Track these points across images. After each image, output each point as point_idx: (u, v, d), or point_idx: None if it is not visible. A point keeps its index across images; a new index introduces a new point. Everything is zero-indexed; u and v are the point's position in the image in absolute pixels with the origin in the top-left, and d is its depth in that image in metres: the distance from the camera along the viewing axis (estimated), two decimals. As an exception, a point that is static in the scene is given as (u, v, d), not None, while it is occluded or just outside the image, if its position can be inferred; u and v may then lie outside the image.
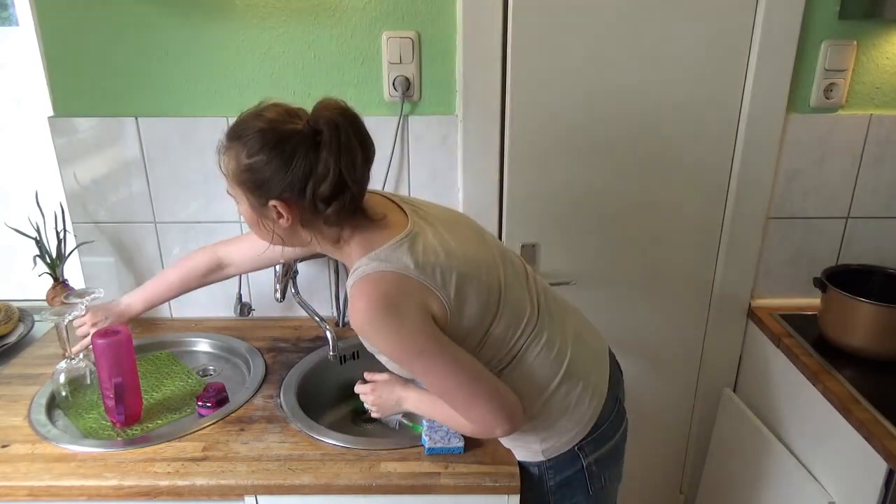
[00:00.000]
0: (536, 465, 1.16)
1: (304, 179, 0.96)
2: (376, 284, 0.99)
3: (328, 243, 1.07)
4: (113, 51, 1.49)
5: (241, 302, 1.57)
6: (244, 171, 0.99)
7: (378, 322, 0.98)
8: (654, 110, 1.56)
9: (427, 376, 1.03)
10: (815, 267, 1.61)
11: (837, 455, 1.36)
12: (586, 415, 1.15)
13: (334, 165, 0.95)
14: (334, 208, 0.98)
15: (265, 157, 0.97)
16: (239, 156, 0.99)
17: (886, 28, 1.50)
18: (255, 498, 1.15)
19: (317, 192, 0.97)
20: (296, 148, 0.96)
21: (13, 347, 1.55)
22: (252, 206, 1.03)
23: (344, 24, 1.48)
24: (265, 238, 1.07)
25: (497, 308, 1.07)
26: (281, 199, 0.98)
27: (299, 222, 1.02)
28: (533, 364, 1.10)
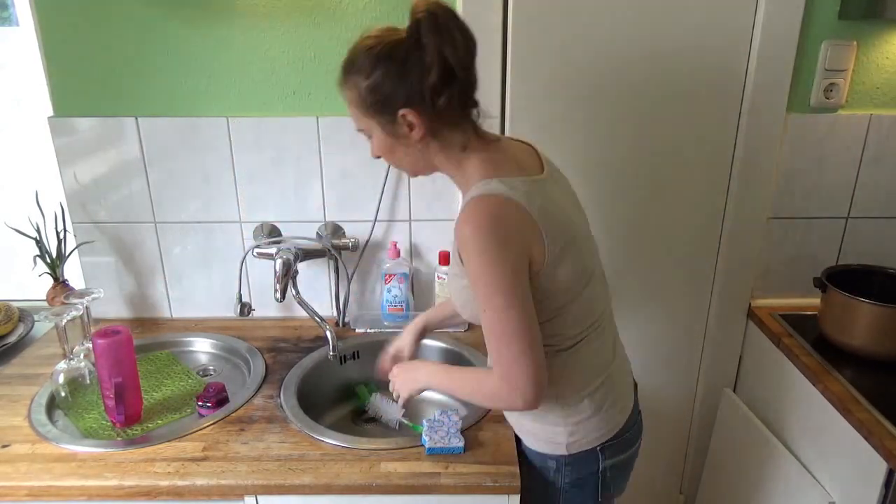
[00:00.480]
0: (555, 458, 1.15)
1: (420, 80, 0.98)
2: (498, 205, 1.00)
3: (454, 156, 1.07)
4: (113, 51, 1.49)
5: (241, 302, 1.57)
6: (368, 95, 1.02)
7: (482, 239, 0.97)
8: (654, 110, 1.56)
9: (492, 313, 0.99)
10: (815, 267, 1.61)
11: (837, 455, 1.36)
12: (615, 418, 1.15)
13: (437, 51, 0.97)
14: (446, 98, 0.99)
15: (381, 72, 1.00)
16: (358, 83, 1.02)
17: (886, 28, 1.50)
18: (255, 498, 1.15)
19: (428, 86, 0.98)
20: (406, 53, 0.99)
21: (13, 347, 1.55)
22: (385, 131, 1.05)
23: (344, 24, 1.48)
24: (403, 164, 1.11)
25: (582, 288, 1.08)
26: (407, 105, 1.00)
27: (428, 131, 1.03)
28: (587, 357, 1.12)
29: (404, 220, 1.63)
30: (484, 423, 1.26)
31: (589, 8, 1.47)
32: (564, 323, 1.08)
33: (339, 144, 1.55)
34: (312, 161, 1.57)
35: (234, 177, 1.59)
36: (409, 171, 1.14)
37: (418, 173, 1.14)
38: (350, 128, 1.53)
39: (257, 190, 1.60)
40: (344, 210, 1.62)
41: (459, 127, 1.05)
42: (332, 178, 1.59)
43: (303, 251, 1.54)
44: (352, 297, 1.67)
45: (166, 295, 1.69)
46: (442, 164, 1.09)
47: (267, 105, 1.54)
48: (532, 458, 1.18)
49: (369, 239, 1.63)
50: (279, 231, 1.62)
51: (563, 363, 1.10)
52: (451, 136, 1.06)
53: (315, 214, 1.62)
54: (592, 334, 1.12)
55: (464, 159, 1.07)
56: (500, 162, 1.07)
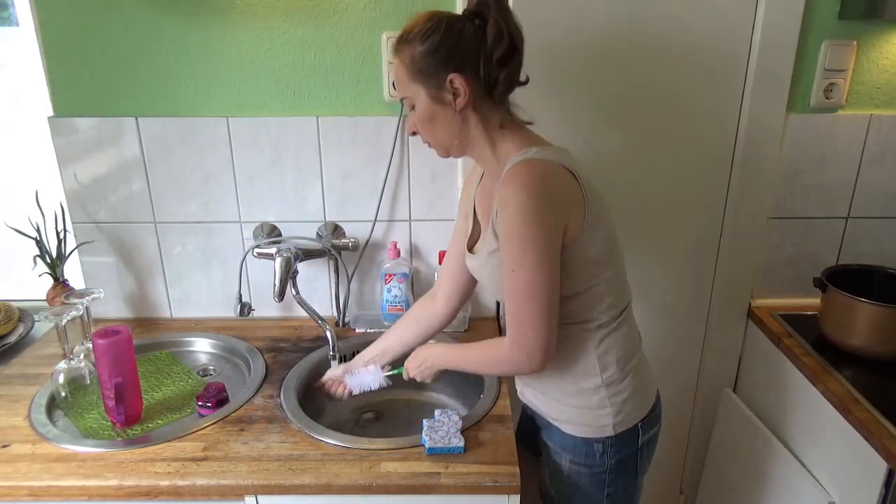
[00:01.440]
0: (601, 441, 1.17)
1: (477, 49, 1.04)
2: (545, 167, 1.04)
3: (490, 133, 1.11)
4: (113, 51, 1.49)
5: (241, 302, 1.57)
6: (421, 59, 1.06)
7: (526, 198, 1.00)
8: (654, 110, 1.56)
9: (523, 272, 1.02)
10: (815, 267, 1.61)
11: (837, 455, 1.36)
12: (649, 394, 1.22)
13: (505, 27, 1.03)
14: (507, 73, 1.06)
15: (438, 38, 1.05)
16: (413, 49, 1.06)
17: (886, 28, 1.50)
18: (255, 498, 1.15)
19: (491, 59, 1.04)
20: (465, 24, 1.05)
21: (13, 347, 1.55)
22: (430, 96, 1.08)
23: (344, 24, 1.48)
24: (439, 136, 1.13)
25: (613, 260, 1.14)
26: (458, 71, 1.05)
27: (472, 102, 1.07)
28: (626, 336, 1.17)
29: (404, 220, 1.63)
30: (484, 423, 1.26)
31: (588, 7, 1.47)
32: (600, 296, 1.12)
33: (339, 144, 1.55)
34: (312, 161, 1.57)
35: (234, 177, 1.59)
36: (443, 145, 1.15)
37: (450, 151, 1.16)
38: (350, 128, 1.55)
39: (257, 190, 1.60)
40: (344, 210, 1.62)
41: (501, 106, 1.11)
42: (332, 178, 1.59)
43: (303, 251, 1.54)
44: (352, 297, 1.68)
45: (166, 295, 1.69)
46: (476, 141, 1.12)
47: (267, 105, 1.54)
48: (575, 445, 1.19)
49: (369, 239, 1.63)
50: (279, 231, 1.62)
51: (606, 342, 1.14)
52: (492, 113, 1.10)
53: (315, 214, 1.62)
54: (626, 312, 1.18)
55: (499, 137, 1.12)
56: (535, 139, 1.13)
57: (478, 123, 1.11)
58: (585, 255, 1.08)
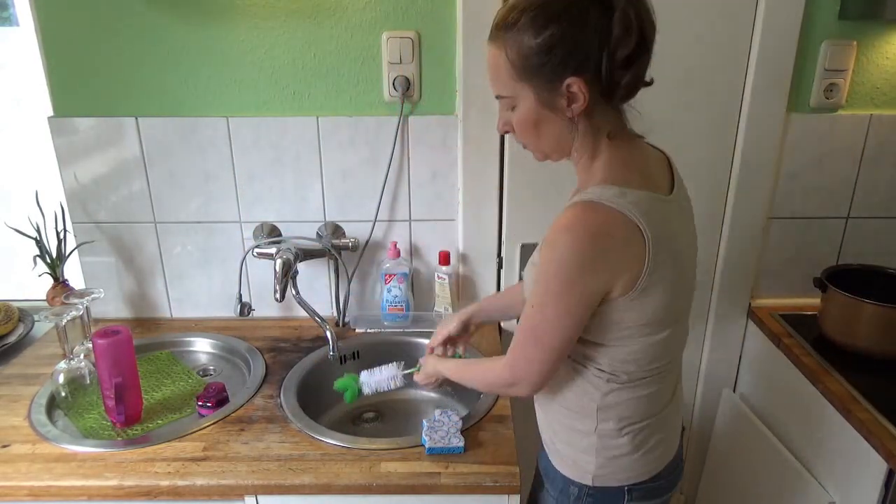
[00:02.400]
0: (578, 485, 1.08)
1: (601, 46, 0.86)
2: (606, 221, 0.88)
3: (596, 142, 0.95)
4: (113, 51, 1.49)
5: (241, 302, 1.57)
6: (535, 56, 0.87)
7: (569, 253, 0.88)
8: (654, 110, 1.56)
9: (539, 315, 0.94)
10: (815, 267, 1.60)
11: (837, 455, 1.36)
12: (652, 463, 1.08)
13: (636, 20, 0.85)
14: (632, 75, 0.88)
15: (557, 30, 0.85)
16: (522, 42, 0.87)
17: (886, 28, 1.50)
18: (255, 498, 1.15)
19: (616, 58, 0.86)
20: (585, 13, 0.85)
21: (13, 347, 1.55)
22: (539, 100, 0.91)
23: (344, 24, 1.48)
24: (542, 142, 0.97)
25: (662, 329, 0.98)
26: (578, 73, 0.87)
27: (588, 108, 0.90)
28: (643, 397, 1.02)
29: (404, 220, 1.63)
30: (484, 423, 1.26)
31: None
32: (627, 356, 0.99)
33: (339, 144, 1.55)
34: (312, 161, 1.57)
35: (234, 177, 1.59)
36: (543, 151, 1.00)
37: (549, 156, 1.00)
38: (350, 128, 1.54)
39: (257, 190, 1.60)
40: (344, 210, 1.62)
41: (616, 112, 0.95)
42: (332, 178, 1.59)
43: (303, 251, 1.54)
44: (352, 297, 1.67)
45: (166, 295, 1.69)
46: (578, 150, 0.96)
47: (267, 105, 1.54)
48: (554, 477, 1.12)
49: (369, 239, 1.63)
50: (279, 231, 1.62)
51: (615, 397, 1.01)
52: (604, 120, 0.94)
53: (315, 214, 1.62)
54: (656, 377, 1.03)
55: (600, 149, 0.96)
56: (630, 166, 0.96)
57: (587, 130, 0.94)
58: (618, 317, 0.95)
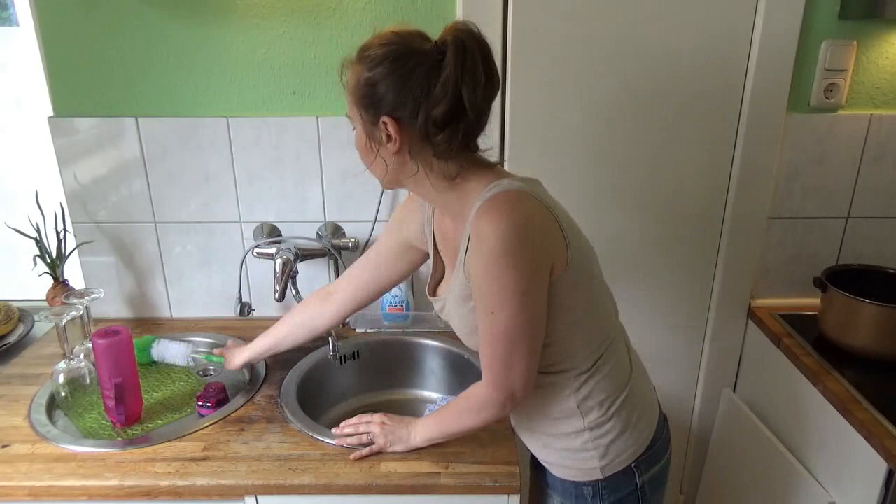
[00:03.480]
0: (591, 484, 1.09)
1: (418, 99, 0.92)
2: (526, 200, 0.94)
3: (439, 180, 1.00)
4: (113, 51, 1.49)
5: (241, 302, 1.57)
6: (363, 87, 0.95)
7: (508, 237, 0.91)
8: (654, 110, 1.56)
9: (502, 316, 0.94)
10: (815, 267, 1.61)
11: (837, 455, 1.36)
12: (644, 431, 1.11)
13: (453, 87, 0.91)
14: (445, 136, 0.93)
15: (384, 71, 0.93)
16: (360, 72, 0.96)
17: (886, 28, 1.50)
18: (255, 498, 1.15)
19: (430, 115, 0.92)
20: (416, 65, 0.92)
21: (13, 347, 1.55)
22: (364, 127, 0.99)
23: (344, 24, 1.48)
24: (372, 169, 1.03)
25: (594, 297, 1.04)
26: (392, 116, 0.94)
27: (408, 150, 0.97)
28: (609, 376, 1.07)
29: (404, 220, 1.63)
30: (484, 423, 1.26)
31: (589, 8, 1.47)
32: (581, 339, 1.04)
33: (339, 144, 1.55)
34: (312, 161, 1.57)
35: (234, 177, 1.59)
36: (378, 178, 1.05)
37: (389, 185, 1.06)
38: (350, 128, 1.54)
39: (257, 190, 1.60)
40: (344, 210, 1.62)
41: (447, 159, 0.98)
42: (332, 178, 1.59)
43: (303, 251, 1.54)
44: (352, 297, 1.67)
45: (166, 295, 1.69)
46: (421, 185, 1.02)
47: (267, 105, 1.54)
48: (565, 488, 1.13)
49: (369, 239, 1.63)
50: (279, 231, 1.62)
51: (587, 387, 1.05)
52: (436, 164, 0.99)
53: (315, 214, 1.62)
54: (608, 351, 1.07)
55: (456, 184, 1.00)
56: (501, 172, 1.03)
57: (420, 172, 0.99)
58: (567, 298, 0.98)
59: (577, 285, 1.00)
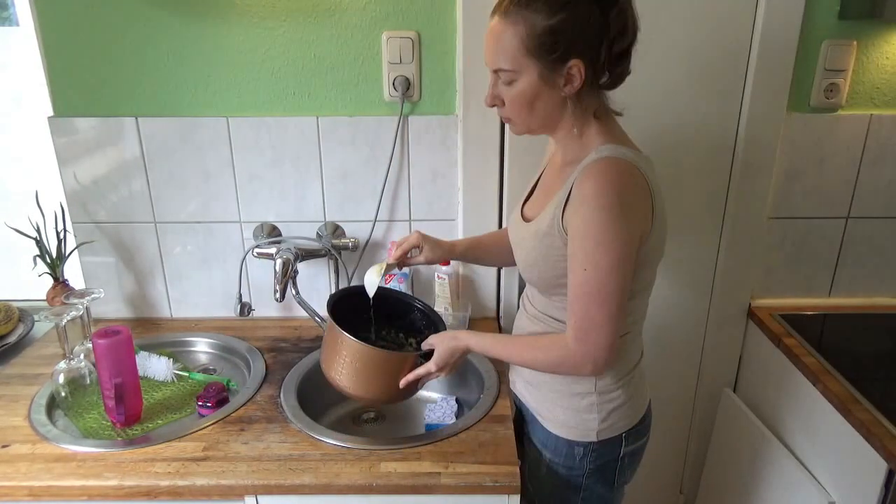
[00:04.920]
0: (584, 444, 1.16)
1: (601, 35, 0.98)
2: (630, 170, 1.00)
3: (584, 119, 1.06)
4: (113, 51, 1.49)
5: (241, 302, 1.57)
6: (543, 35, 0.97)
7: (610, 197, 0.97)
8: (653, 110, 1.56)
9: (595, 272, 0.98)
10: (815, 267, 1.61)
11: (837, 455, 1.36)
12: (639, 406, 1.20)
13: (632, 18, 0.99)
14: (624, 66, 1.02)
15: (568, 16, 0.96)
16: (535, 21, 0.97)
17: (886, 28, 1.50)
18: (255, 498, 1.15)
19: (613, 49, 0.98)
20: (591, 10, 0.97)
21: (13, 347, 1.55)
22: (540, 77, 1.00)
23: (344, 24, 1.48)
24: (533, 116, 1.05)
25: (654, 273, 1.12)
26: (581, 57, 0.98)
27: (583, 88, 1.01)
28: (631, 347, 1.16)
29: (404, 220, 1.63)
30: (484, 423, 1.26)
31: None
32: (635, 306, 1.11)
33: (340, 144, 1.55)
34: (312, 161, 1.57)
35: (234, 177, 1.59)
36: (529, 126, 1.08)
37: (534, 131, 1.10)
38: (350, 128, 1.54)
39: (257, 190, 1.60)
40: (344, 210, 1.62)
41: (602, 95, 1.07)
42: (332, 178, 1.59)
43: (303, 251, 1.54)
44: (352, 297, 1.67)
45: (166, 295, 1.69)
46: (565, 125, 1.07)
47: (267, 105, 1.54)
48: (556, 445, 1.18)
49: (369, 239, 1.63)
50: (279, 231, 1.62)
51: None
52: (592, 100, 1.06)
53: (315, 214, 1.62)
54: (636, 329, 1.17)
55: (589, 126, 1.07)
56: (620, 134, 1.09)
57: (575, 109, 1.05)
58: (644, 262, 1.05)
59: (647, 259, 1.06)
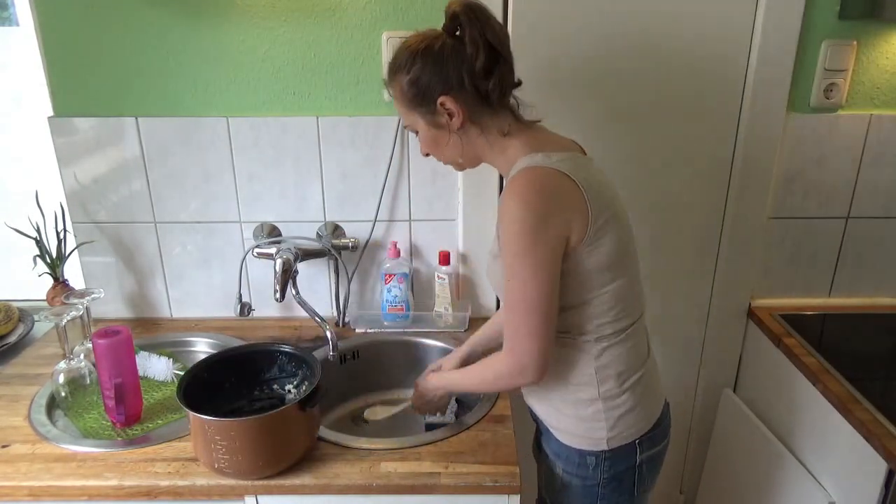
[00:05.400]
0: (595, 454, 1.15)
1: (458, 67, 1.04)
2: (543, 176, 1.03)
3: (496, 142, 1.10)
4: (113, 51, 1.49)
5: (241, 302, 1.57)
6: (409, 89, 1.07)
7: (522, 209, 1.00)
8: (654, 110, 1.56)
9: (517, 283, 1.02)
10: (815, 267, 1.60)
11: (837, 455, 1.36)
12: (651, 410, 1.18)
13: (481, 38, 1.02)
14: (495, 80, 1.04)
15: (420, 65, 1.05)
16: (401, 80, 1.08)
17: (886, 28, 1.50)
18: (255, 498, 1.15)
19: (474, 72, 1.03)
20: (443, 47, 1.05)
21: (13, 347, 1.55)
22: (427, 122, 1.10)
23: (344, 24, 1.48)
24: (449, 156, 1.14)
25: (624, 270, 1.10)
26: (445, 93, 1.05)
27: (468, 117, 1.08)
28: (630, 350, 1.14)
29: (404, 220, 1.63)
30: (484, 423, 1.26)
31: (588, 7, 1.47)
32: (602, 308, 1.09)
33: (340, 144, 1.55)
34: (312, 161, 1.57)
35: (234, 177, 1.59)
36: (455, 163, 1.16)
37: (465, 165, 1.17)
38: (350, 128, 1.55)
39: (257, 190, 1.60)
40: (344, 210, 1.62)
41: (499, 114, 1.09)
42: (332, 178, 1.59)
43: (303, 251, 1.54)
44: (352, 297, 1.67)
45: (166, 295, 1.69)
46: (484, 152, 1.13)
47: (267, 105, 1.54)
48: (568, 455, 1.17)
49: (369, 239, 1.63)
50: (279, 231, 1.62)
51: (607, 355, 1.11)
52: (491, 122, 1.09)
53: (315, 214, 1.62)
54: (633, 328, 1.15)
55: (506, 144, 1.10)
56: (542, 141, 1.11)
57: (480, 135, 1.10)
58: (585, 266, 1.05)
59: (600, 253, 1.05)
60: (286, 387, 1.31)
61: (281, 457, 1.13)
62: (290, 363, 1.30)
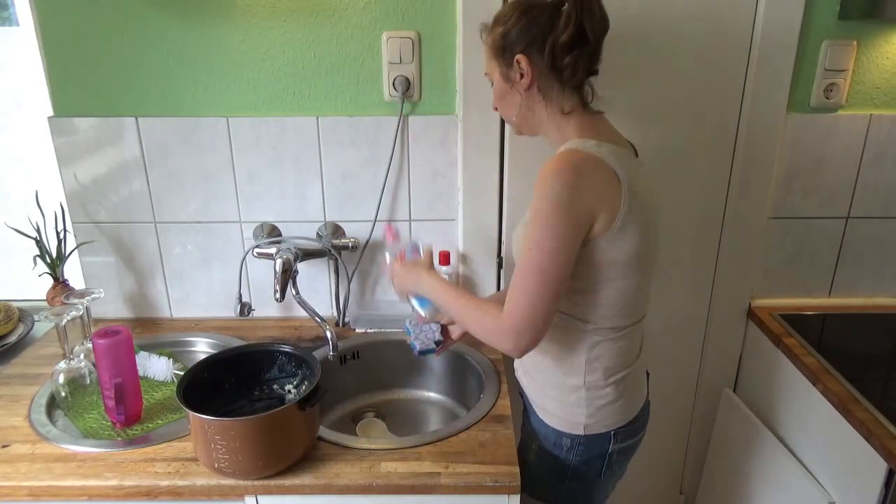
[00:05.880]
0: (571, 437, 1.20)
1: (545, 33, 1.07)
2: (584, 159, 1.05)
3: (555, 117, 1.14)
4: (113, 51, 1.49)
5: (241, 302, 1.57)
6: (499, 39, 1.12)
7: (557, 182, 1.02)
8: (654, 110, 1.56)
9: (538, 254, 1.03)
10: (815, 267, 1.60)
11: (837, 455, 1.36)
12: (632, 406, 1.23)
13: (576, 18, 1.05)
14: (571, 59, 1.07)
15: (514, 20, 1.10)
16: (495, 30, 1.13)
17: (886, 28, 1.50)
18: (255, 498, 1.15)
19: (557, 43, 1.06)
20: (541, 10, 1.08)
21: (13, 347, 1.55)
22: (501, 74, 1.14)
23: (344, 24, 1.48)
24: (510, 112, 1.18)
25: (638, 270, 1.12)
26: (524, 53, 1.09)
27: (537, 84, 1.11)
28: (622, 349, 1.17)
29: (404, 220, 1.63)
30: (484, 423, 1.26)
31: (589, 8, 1.47)
32: (606, 301, 1.12)
33: (340, 144, 1.55)
34: (312, 161, 1.57)
35: (234, 177, 1.59)
36: (511, 121, 1.20)
37: (520, 128, 1.20)
38: (350, 128, 1.55)
39: (257, 190, 1.60)
40: (344, 210, 1.62)
41: (567, 92, 1.12)
42: (332, 178, 1.59)
43: (303, 251, 1.54)
44: (352, 297, 1.68)
45: (166, 295, 1.69)
46: (542, 122, 1.16)
47: (267, 105, 1.54)
48: (546, 433, 1.22)
49: (369, 239, 1.63)
50: (279, 231, 1.62)
51: (600, 348, 1.15)
52: (557, 96, 1.12)
53: (315, 214, 1.62)
54: (628, 332, 1.18)
55: (563, 122, 1.14)
56: (600, 129, 1.14)
57: (542, 104, 1.13)
58: (600, 256, 1.07)
59: (620, 248, 1.07)
60: (286, 387, 1.31)
61: (281, 457, 1.13)
62: (290, 363, 1.30)
